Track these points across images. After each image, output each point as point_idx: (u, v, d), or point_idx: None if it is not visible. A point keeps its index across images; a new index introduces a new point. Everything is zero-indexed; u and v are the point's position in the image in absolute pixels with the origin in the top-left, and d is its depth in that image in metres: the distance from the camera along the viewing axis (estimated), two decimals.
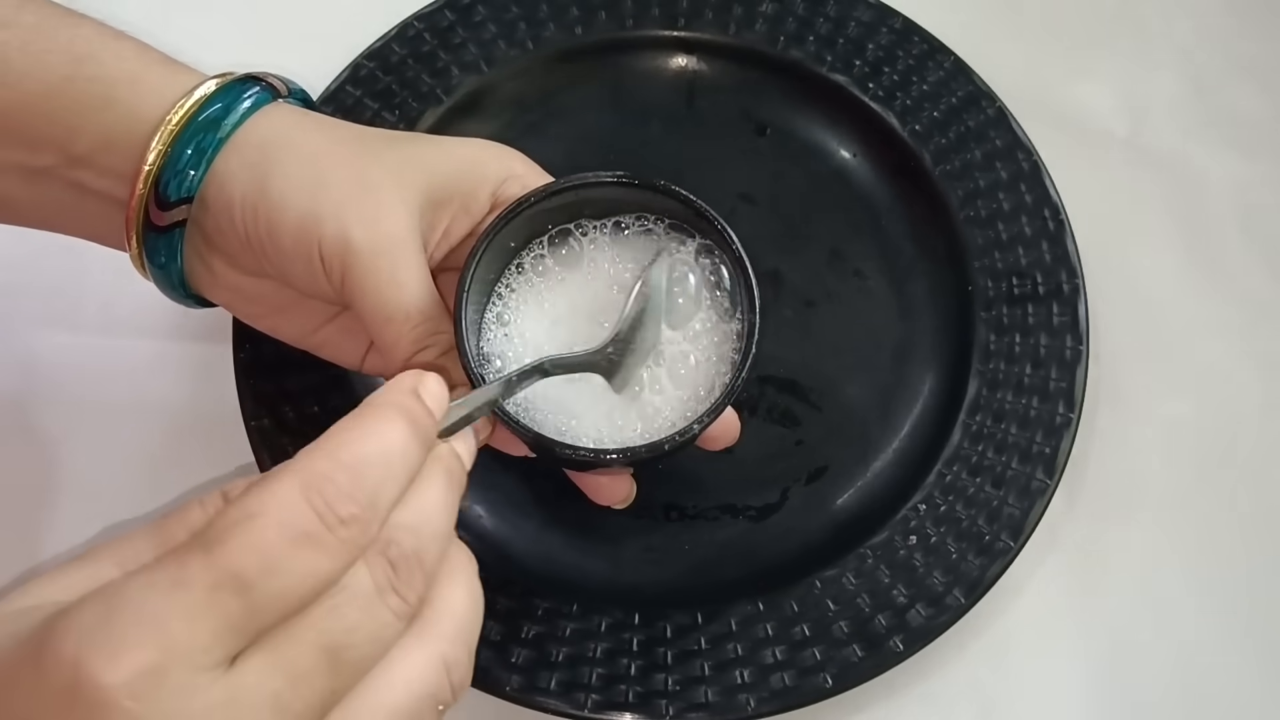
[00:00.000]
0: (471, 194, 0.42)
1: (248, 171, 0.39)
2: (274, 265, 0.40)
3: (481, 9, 0.57)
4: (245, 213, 0.39)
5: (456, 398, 0.36)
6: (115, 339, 0.54)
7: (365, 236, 0.39)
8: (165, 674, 0.24)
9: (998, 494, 0.49)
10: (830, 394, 0.53)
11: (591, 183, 0.41)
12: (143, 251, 0.41)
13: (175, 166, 0.39)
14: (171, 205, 0.39)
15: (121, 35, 0.41)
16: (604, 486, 0.45)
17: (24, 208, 0.42)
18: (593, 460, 0.39)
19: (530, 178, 0.42)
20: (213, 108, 0.39)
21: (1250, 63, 0.61)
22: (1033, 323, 0.52)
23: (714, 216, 0.40)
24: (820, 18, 0.58)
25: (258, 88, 0.41)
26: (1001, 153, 0.55)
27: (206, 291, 0.43)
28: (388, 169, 0.40)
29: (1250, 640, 0.50)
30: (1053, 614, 0.50)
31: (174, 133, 0.39)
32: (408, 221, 0.40)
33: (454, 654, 0.30)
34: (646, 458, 0.38)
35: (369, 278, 0.39)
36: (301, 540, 0.26)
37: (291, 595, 0.26)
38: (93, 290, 0.55)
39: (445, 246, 0.42)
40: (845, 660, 0.46)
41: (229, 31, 0.60)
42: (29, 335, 0.54)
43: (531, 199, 0.40)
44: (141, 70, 0.40)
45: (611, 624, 0.47)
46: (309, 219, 0.39)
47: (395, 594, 0.28)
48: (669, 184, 0.41)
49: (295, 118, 0.41)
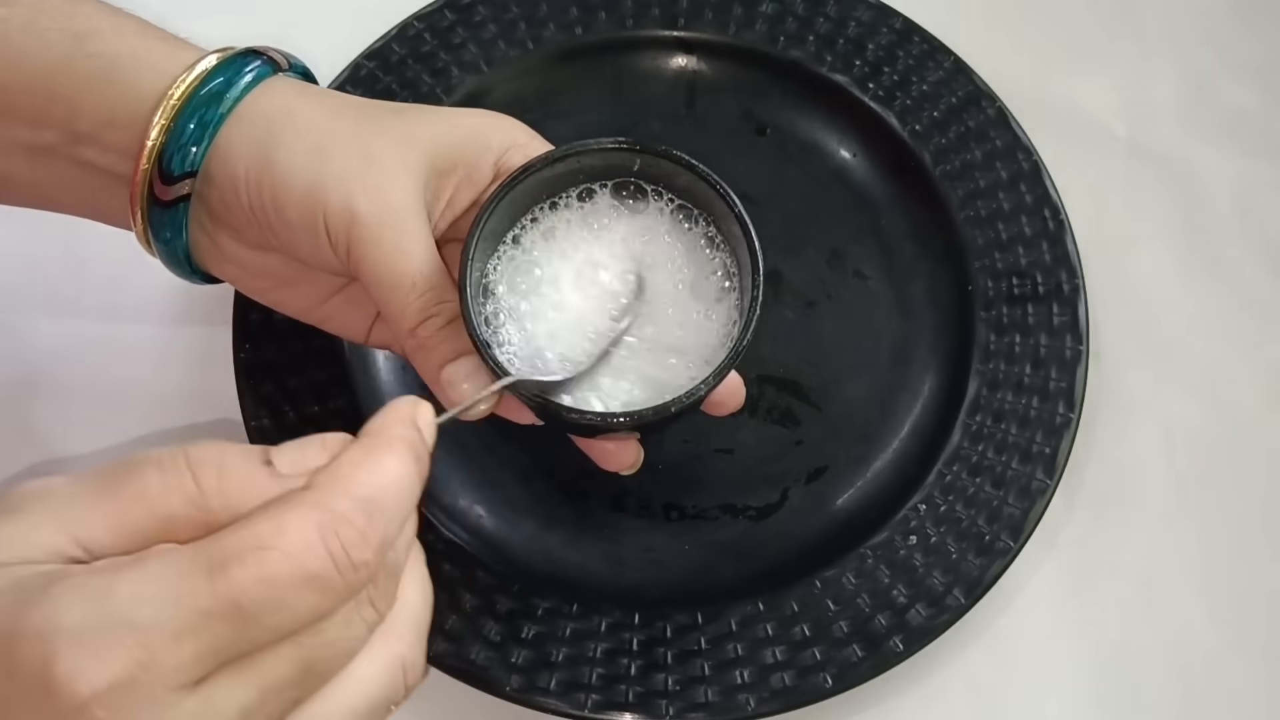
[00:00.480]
0: (475, 163, 0.42)
1: (251, 144, 0.39)
2: (279, 238, 0.40)
3: (481, 9, 0.57)
4: (250, 185, 0.39)
5: (464, 365, 0.37)
6: (115, 328, 0.54)
7: (370, 206, 0.39)
8: (139, 687, 0.24)
9: (998, 494, 0.49)
10: (830, 394, 0.53)
11: (594, 149, 0.41)
12: (148, 228, 0.41)
13: (179, 141, 0.39)
14: (176, 180, 0.39)
15: (121, 12, 0.41)
16: (611, 453, 0.44)
17: (28, 187, 0.42)
18: (599, 424, 0.39)
19: (533, 147, 0.42)
20: (215, 81, 0.39)
21: (1250, 62, 0.61)
22: (1033, 323, 0.52)
23: (716, 180, 0.40)
24: (820, 17, 0.58)
25: (259, 61, 0.41)
26: (1001, 152, 0.55)
27: (212, 267, 0.43)
28: (392, 139, 0.40)
29: (1250, 640, 0.50)
30: (1053, 614, 0.50)
31: (177, 107, 0.39)
32: (412, 191, 0.40)
33: (410, 655, 0.29)
34: (653, 420, 0.38)
35: (374, 247, 0.39)
36: (312, 582, 0.26)
37: (286, 629, 0.26)
38: (92, 280, 0.54)
39: (449, 216, 0.42)
40: (845, 660, 0.46)
41: (228, 31, 0.60)
42: (28, 324, 0.54)
43: (534, 166, 0.40)
44: (143, 46, 0.40)
45: (611, 624, 0.47)
46: (314, 190, 0.39)
47: (372, 608, 0.28)
48: (670, 149, 0.41)
49: (298, 90, 0.41)
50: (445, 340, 0.39)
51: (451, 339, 0.39)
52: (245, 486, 0.27)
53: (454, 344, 0.39)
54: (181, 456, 0.28)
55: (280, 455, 0.29)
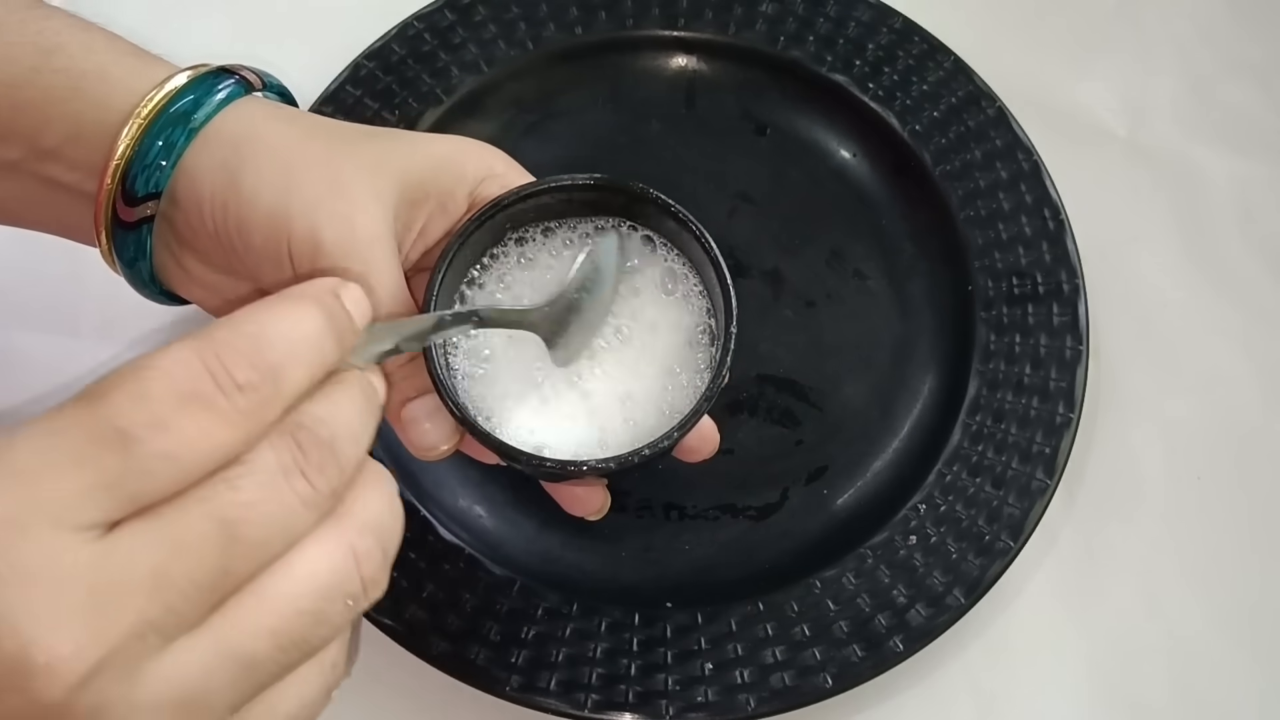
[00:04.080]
0: (449, 193, 0.40)
1: (218, 166, 0.38)
2: (244, 263, 0.39)
3: (481, 9, 0.57)
4: (215, 209, 0.38)
5: (425, 404, 0.36)
6: (113, 344, 0.54)
7: (336, 235, 0.37)
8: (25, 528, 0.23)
9: (998, 494, 0.49)
10: (830, 394, 0.53)
11: (568, 185, 0.40)
12: (112, 248, 0.40)
13: (144, 160, 0.38)
14: (139, 201, 0.38)
15: (91, 27, 0.40)
16: (578, 498, 0.44)
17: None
18: (559, 472, 0.37)
19: (510, 177, 0.41)
20: (183, 100, 0.38)
21: (1250, 62, 0.61)
22: (1033, 323, 0.52)
23: (694, 224, 0.39)
24: (820, 17, 0.58)
25: (231, 81, 0.40)
26: (1001, 152, 0.55)
27: (179, 288, 0.42)
28: (362, 166, 0.39)
29: (1250, 640, 0.49)
30: (1053, 614, 0.50)
31: (143, 125, 0.38)
32: (381, 221, 0.38)
33: (364, 545, 0.27)
34: (615, 470, 0.37)
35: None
36: (192, 398, 0.24)
37: (180, 460, 0.24)
38: (91, 295, 0.54)
39: (421, 246, 0.41)
40: (845, 660, 0.46)
41: (228, 31, 0.60)
42: (25, 340, 0.54)
43: (506, 200, 0.39)
44: (111, 62, 0.39)
45: (611, 624, 0.47)
46: (279, 217, 0.37)
47: (303, 478, 0.26)
48: (647, 188, 0.40)
49: (268, 111, 0.40)
50: (407, 378, 0.38)
51: (413, 376, 0.38)
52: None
53: (415, 381, 0.38)
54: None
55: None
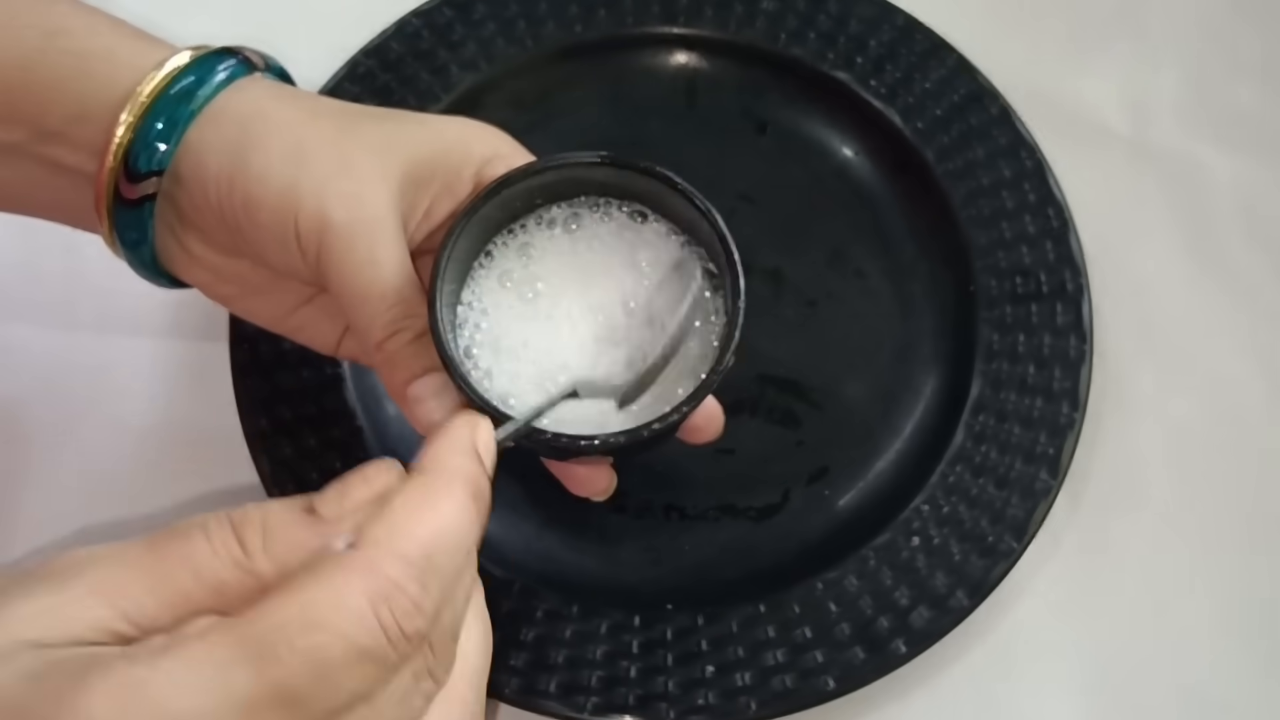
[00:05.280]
0: (455, 174, 0.41)
1: (224, 144, 0.38)
2: (248, 242, 0.39)
3: (481, 6, 0.57)
4: (221, 186, 0.38)
5: (431, 382, 0.36)
6: (110, 338, 0.54)
7: (343, 215, 0.38)
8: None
9: (1001, 495, 0.49)
10: (832, 394, 0.52)
11: (573, 163, 0.40)
12: (114, 229, 0.40)
13: (146, 138, 0.38)
14: (142, 177, 0.38)
15: (96, 11, 0.40)
16: (583, 478, 0.43)
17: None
18: (568, 447, 0.37)
19: (515, 158, 0.41)
20: (186, 79, 0.38)
21: (1253, 61, 0.61)
22: (1036, 322, 0.52)
23: (700, 199, 0.39)
24: (822, 14, 0.57)
25: (234, 60, 0.40)
26: (1005, 151, 0.55)
27: (181, 271, 0.42)
28: (369, 146, 0.39)
29: (1254, 642, 0.49)
30: (1056, 615, 0.49)
31: (146, 104, 0.38)
32: (388, 201, 0.39)
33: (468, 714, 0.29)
34: (625, 445, 0.37)
35: (345, 257, 0.38)
36: (364, 657, 0.25)
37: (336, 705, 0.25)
38: (88, 289, 0.54)
39: (426, 227, 0.41)
40: (848, 662, 0.45)
41: (227, 29, 0.60)
42: (22, 333, 0.54)
43: (511, 179, 0.39)
44: (115, 43, 0.39)
45: (612, 626, 0.47)
46: (288, 193, 0.38)
47: (431, 679, 0.27)
48: (653, 165, 0.39)
49: (274, 91, 0.40)
50: (413, 355, 0.38)
51: (420, 354, 0.38)
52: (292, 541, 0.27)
53: (422, 360, 0.38)
54: (226, 520, 0.27)
55: (324, 502, 0.28)
